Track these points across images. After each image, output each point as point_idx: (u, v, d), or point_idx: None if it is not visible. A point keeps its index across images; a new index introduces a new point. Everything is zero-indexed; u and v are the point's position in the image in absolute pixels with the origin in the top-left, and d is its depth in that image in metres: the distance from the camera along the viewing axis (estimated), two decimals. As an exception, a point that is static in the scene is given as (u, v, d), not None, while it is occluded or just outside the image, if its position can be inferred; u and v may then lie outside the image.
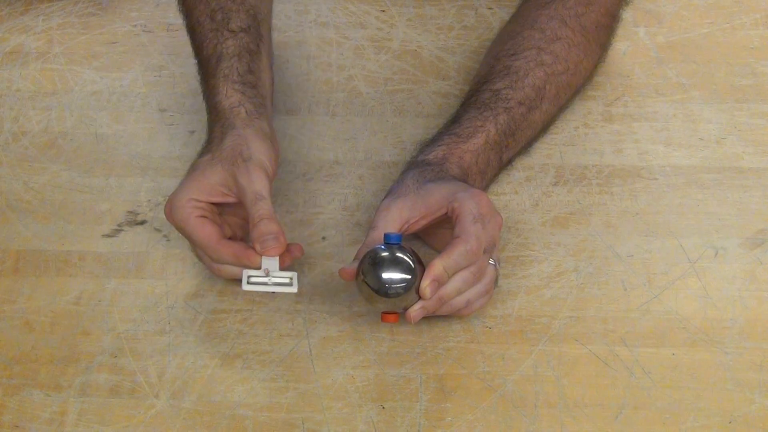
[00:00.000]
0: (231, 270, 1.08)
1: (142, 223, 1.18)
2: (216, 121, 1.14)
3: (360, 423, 1.00)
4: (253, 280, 1.05)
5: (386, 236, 1.03)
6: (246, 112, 1.13)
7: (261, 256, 1.05)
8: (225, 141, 1.10)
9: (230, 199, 1.09)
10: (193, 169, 1.11)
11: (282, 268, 1.05)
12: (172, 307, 1.10)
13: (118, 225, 1.17)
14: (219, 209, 1.10)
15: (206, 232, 1.07)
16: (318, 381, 1.03)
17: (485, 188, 1.17)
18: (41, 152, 1.25)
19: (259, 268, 1.05)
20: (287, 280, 1.05)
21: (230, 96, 1.14)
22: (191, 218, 1.07)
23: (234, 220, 1.12)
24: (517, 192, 1.21)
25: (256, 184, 1.06)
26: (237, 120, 1.12)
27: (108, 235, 1.16)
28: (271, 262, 1.05)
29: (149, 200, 1.20)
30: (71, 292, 1.11)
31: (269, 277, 1.05)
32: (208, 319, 1.08)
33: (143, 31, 1.40)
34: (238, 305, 1.10)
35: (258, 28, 1.20)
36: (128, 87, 1.33)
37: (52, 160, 1.24)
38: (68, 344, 1.06)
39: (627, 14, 1.32)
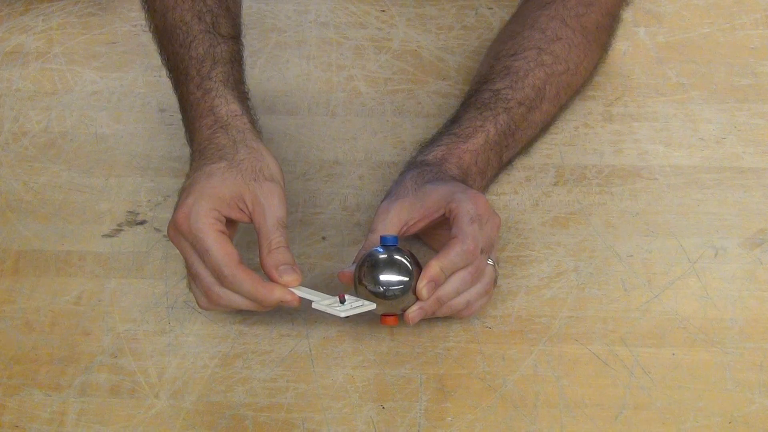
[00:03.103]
0: (232, 299, 1.02)
1: (142, 223, 1.18)
2: (217, 126, 1.08)
3: (360, 423, 1.00)
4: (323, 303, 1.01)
5: (382, 238, 1.03)
6: (251, 122, 1.09)
7: (282, 284, 1.00)
8: (239, 152, 1.06)
9: (245, 219, 1.04)
10: (207, 175, 1.04)
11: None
12: (172, 307, 1.10)
13: (118, 225, 1.17)
14: None
15: (227, 251, 1.00)
16: (318, 381, 1.03)
17: (485, 188, 1.17)
18: (41, 152, 1.25)
19: (270, 307, 1.01)
20: (364, 305, 1.02)
21: (231, 102, 1.10)
22: (212, 231, 1.01)
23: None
24: (517, 192, 1.20)
25: (279, 209, 1.03)
26: (247, 130, 1.08)
27: (108, 235, 1.16)
28: (307, 292, 1.02)
29: (149, 200, 1.20)
30: (71, 292, 1.11)
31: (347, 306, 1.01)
32: (208, 319, 1.08)
33: (143, 31, 1.40)
34: (238, 305, 1.10)
35: (239, 37, 1.17)
36: (128, 87, 1.33)
37: (52, 160, 1.24)
38: (68, 344, 1.06)
39: (627, 14, 1.32)
